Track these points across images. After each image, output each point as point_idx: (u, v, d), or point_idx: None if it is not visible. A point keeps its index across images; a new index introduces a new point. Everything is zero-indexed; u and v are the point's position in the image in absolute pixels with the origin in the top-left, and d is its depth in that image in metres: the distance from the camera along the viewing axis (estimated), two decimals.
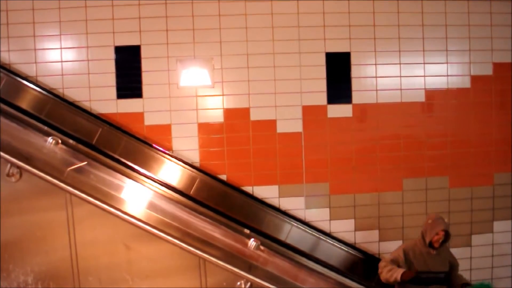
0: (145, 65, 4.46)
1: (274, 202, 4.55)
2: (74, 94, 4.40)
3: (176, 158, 4.44)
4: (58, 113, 4.27)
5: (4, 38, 4.33)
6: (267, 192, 4.55)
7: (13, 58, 4.36)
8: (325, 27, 4.57)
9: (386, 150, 4.68)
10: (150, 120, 4.48)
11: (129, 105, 4.45)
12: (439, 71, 4.75)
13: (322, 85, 4.61)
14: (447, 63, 4.75)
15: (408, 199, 4.71)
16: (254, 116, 4.55)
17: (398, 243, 4.67)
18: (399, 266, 3.50)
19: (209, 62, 4.52)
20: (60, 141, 2.77)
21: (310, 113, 4.60)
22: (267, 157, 4.56)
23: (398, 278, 3.36)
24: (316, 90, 4.60)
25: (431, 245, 3.49)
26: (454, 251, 4.72)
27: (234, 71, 4.53)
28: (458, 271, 3.72)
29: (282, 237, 4.47)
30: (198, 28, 4.48)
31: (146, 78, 4.47)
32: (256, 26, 4.51)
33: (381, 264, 3.57)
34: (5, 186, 2.36)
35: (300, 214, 4.55)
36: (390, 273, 3.44)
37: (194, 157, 4.52)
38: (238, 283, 2.37)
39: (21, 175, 2.35)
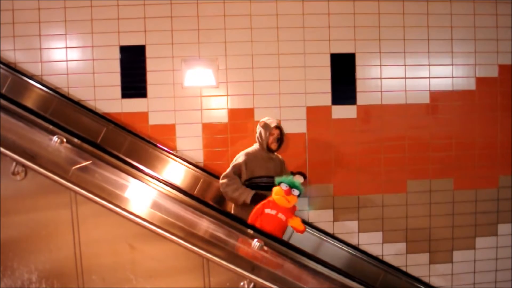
0: (150, 65, 4.47)
1: None
2: (79, 93, 4.43)
3: (180, 157, 4.45)
4: (63, 112, 4.29)
5: (10, 37, 4.36)
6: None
7: (19, 57, 4.39)
8: (330, 28, 4.57)
9: (390, 151, 4.67)
10: (154, 119, 4.49)
11: (134, 105, 4.47)
12: (444, 73, 4.74)
13: (327, 86, 4.60)
14: (452, 64, 4.73)
15: (412, 201, 4.69)
16: (259, 116, 4.53)
17: (401, 245, 4.67)
18: (240, 176, 3.59)
19: (213, 62, 4.52)
20: (65, 140, 2.76)
21: (314, 114, 4.60)
22: None
23: (248, 201, 3.45)
24: (320, 91, 4.60)
25: (269, 149, 3.66)
26: (458, 253, 4.73)
27: (239, 71, 4.54)
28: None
29: (285, 237, 4.46)
30: (203, 28, 4.49)
31: (151, 77, 4.48)
32: (261, 27, 4.51)
33: (223, 182, 3.61)
34: (10, 184, 2.36)
35: (303, 215, 4.55)
36: (237, 193, 3.52)
37: (198, 157, 4.53)
38: (241, 283, 2.35)
39: (26, 174, 2.35)
